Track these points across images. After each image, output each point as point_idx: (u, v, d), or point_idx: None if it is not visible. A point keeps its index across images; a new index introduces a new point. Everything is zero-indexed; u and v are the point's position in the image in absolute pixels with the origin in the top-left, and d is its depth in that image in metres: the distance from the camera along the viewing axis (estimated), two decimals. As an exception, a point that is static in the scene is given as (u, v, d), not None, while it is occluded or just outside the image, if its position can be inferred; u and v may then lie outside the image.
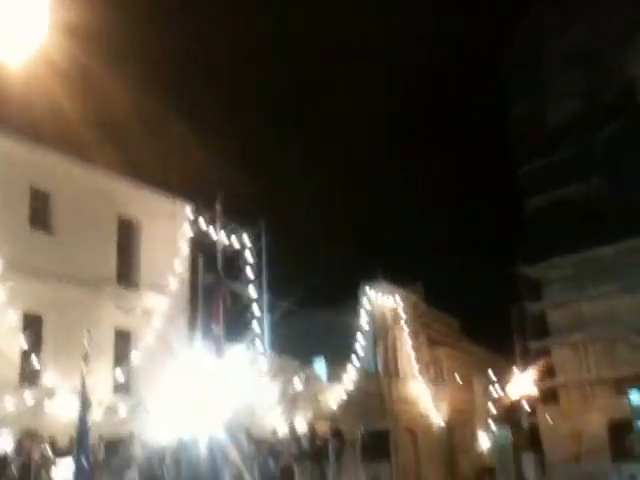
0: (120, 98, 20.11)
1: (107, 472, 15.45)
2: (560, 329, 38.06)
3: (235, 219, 22.69)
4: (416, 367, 33.66)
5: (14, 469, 13.61)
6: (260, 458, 17.17)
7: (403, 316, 33.49)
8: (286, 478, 17.03)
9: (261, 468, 16.84)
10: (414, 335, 33.95)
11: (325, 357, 28.65)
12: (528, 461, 32.29)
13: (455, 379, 37.61)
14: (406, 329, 33.56)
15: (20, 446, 14.07)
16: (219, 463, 15.84)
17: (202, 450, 16.01)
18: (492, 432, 35.88)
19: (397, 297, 33.44)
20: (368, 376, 29.65)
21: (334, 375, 28.10)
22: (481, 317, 40.86)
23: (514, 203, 42.03)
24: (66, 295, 18.77)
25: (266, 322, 24.16)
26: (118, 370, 20.09)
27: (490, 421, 37.60)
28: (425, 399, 33.90)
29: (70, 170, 19.84)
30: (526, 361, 36.88)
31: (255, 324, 23.63)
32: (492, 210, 45.23)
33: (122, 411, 19.33)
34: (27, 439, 14.18)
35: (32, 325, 18.29)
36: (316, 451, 17.82)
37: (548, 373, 37.68)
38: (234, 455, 16.44)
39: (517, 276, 38.54)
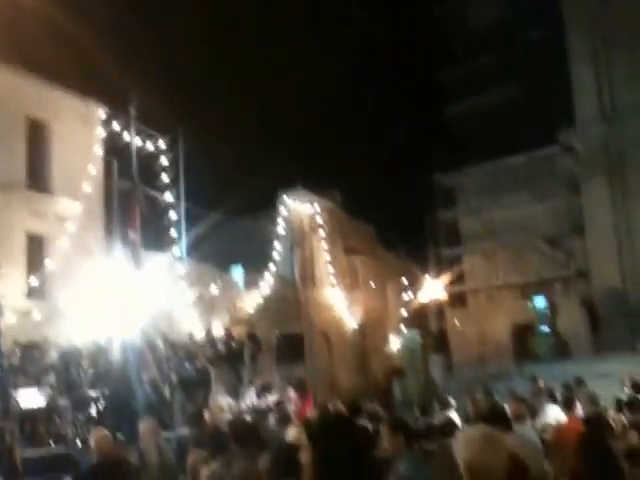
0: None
1: (23, 376, 15.56)
2: (472, 237, 39.32)
3: (151, 125, 22.43)
4: (332, 274, 34.44)
5: None
6: (176, 361, 17.63)
7: (320, 224, 34.03)
8: (202, 380, 17.58)
9: (177, 370, 17.33)
10: (331, 243, 34.59)
11: (243, 264, 29.16)
12: (436, 363, 33.75)
13: (370, 286, 38.70)
14: (323, 237, 34.17)
15: None
16: (135, 365, 16.22)
17: (118, 353, 16.36)
18: (403, 335, 37.31)
19: (315, 205, 33.89)
20: (284, 283, 30.33)
21: (251, 282, 28.68)
22: (397, 225, 41.91)
23: (434, 110, 42.53)
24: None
25: (183, 228, 24.29)
26: (32, 275, 20.07)
27: (401, 325, 39.06)
28: (340, 305, 34.86)
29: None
30: (439, 268, 37.72)
31: (172, 231, 23.73)
32: (412, 117, 45.58)
33: (37, 316, 19.43)
34: None
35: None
36: (232, 354, 18.36)
37: (458, 279, 38.95)
38: (150, 357, 16.87)
39: (432, 184, 39.48)
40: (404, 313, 39.95)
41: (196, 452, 7.34)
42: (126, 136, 21.28)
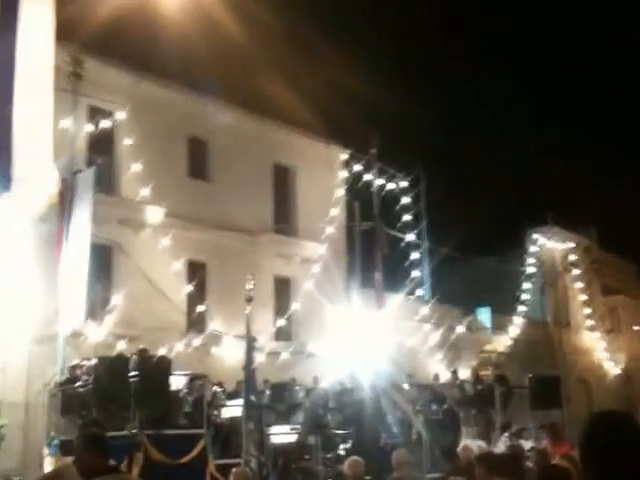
0: (273, 43, 21.32)
1: (274, 415, 16.76)
2: None
3: (391, 163, 23.47)
4: (588, 316, 33.59)
5: (188, 406, 15.21)
6: (422, 402, 18.06)
7: (574, 262, 33.28)
8: (450, 423, 17.82)
9: (424, 412, 17.73)
10: (586, 282, 33.83)
11: (490, 306, 29.14)
12: None
13: (633, 329, 36.89)
14: (577, 276, 33.43)
15: (191, 386, 15.56)
16: (383, 407, 16.87)
17: (365, 394, 17.10)
18: None
19: (568, 242, 33.29)
20: (536, 325, 29.98)
21: (499, 324, 28.61)
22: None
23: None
24: (226, 243, 20.42)
25: (426, 269, 24.94)
26: (279, 317, 21.69)
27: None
28: (599, 349, 33.85)
29: (226, 118, 21.35)
30: None
31: (415, 271, 24.45)
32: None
33: (284, 356, 20.93)
34: (197, 379, 15.68)
35: (196, 272, 20.20)
36: (480, 396, 18.42)
37: None
38: (397, 399, 17.46)
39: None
40: None
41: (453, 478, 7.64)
42: (367, 177, 22.52)
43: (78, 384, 14.36)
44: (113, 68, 18.99)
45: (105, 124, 18.78)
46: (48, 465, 13.05)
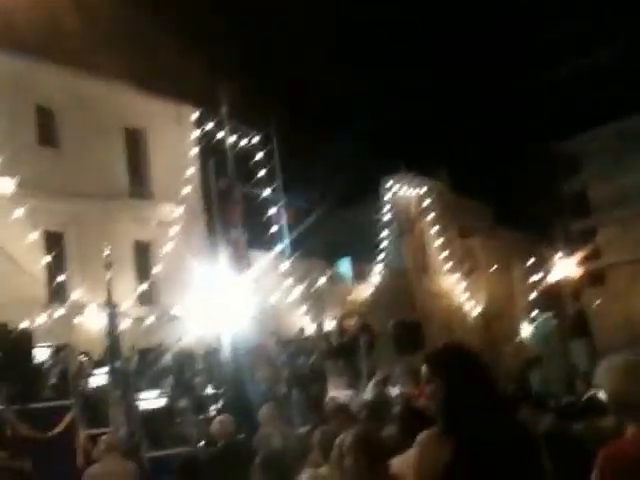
0: (112, 4, 21.28)
1: (142, 381, 17.22)
2: (603, 207, 38.90)
3: (243, 120, 24.01)
4: (446, 259, 35.06)
5: (54, 378, 15.47)
6: (289, 357, 19.02)
7: (429, 207, 34.53)
8: (317, 376, 18.80)
9: (291, 367, 18.68)
10: (442, 226, 35.00)
11: (351, 256, 30.31)
12: (578, 349, 32.94)
13: (491, 269, 38.55)
14: (433, 221, 34.72)
15: (56, 357, 15.80)
16: (248, 364, 17.67)
17: (231, 353, 17.85)
18: (534, 320, 36.80)
19: (421, 187, 34.44)
20: (396, 272, 31.15)
21: (360, 274, 29.86)
22: (516, 201, 41.47)
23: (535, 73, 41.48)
24: (82, 211, 20.70)
25: (284, 224, 25.77)
26: (141, 282, 22.14)
27: (532, 310, 38.61)
28: (458, 291, 35.43)
29: (72, 83, 21.36)
30: (569, 244, 37.23)
31: (274, 227, 25.27)
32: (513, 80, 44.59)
33: (149, 321, 21.45)
34: (61, 350, 15.93)
35: (54, 243, 20.35)
36: (346, 347, 19.48)
37: (593, 255, 38.36)
38: (263, 355, 18.34)
39: (551, 153, 39.19)
40: (533, 296, 39.42)
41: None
42: (220, 134, 23.01)
43: None
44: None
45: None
46: None
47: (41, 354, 15.31)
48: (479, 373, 3.58)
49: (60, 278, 20.26)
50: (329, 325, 22.55)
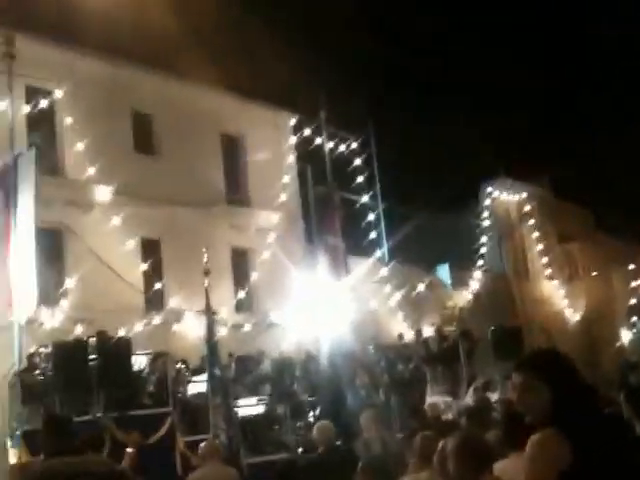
0: (209, 11, 21.30)
1: (241, 387, 17.09)
2: None
3: (341, 126, 23.71)
4: (546, 265, 34.51)
5: (152, 385, 15.43)
6: (387, 363, 18.59)
7: (529, 213, 34.12)
8: (417, 382, 18.40)
9: (390, 373, 18.28)
10: (543, 232, 34.60)
11: (449, 263, 29.80)
12: None
13: (591, 275, 37.92)
14: (534, 226, 34.23)
15: (154, 365, 15.76)
16: (349, 371, 17.34)
17: (330, 360, 17.55)
18: (634, 326, 36.10)
19: (522, 193, 34.03)
20: (495, 277, 30.76)
21: (459, 280, 29.34)
22: (618, 207, 40.53)
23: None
24: (179, 218, 20.57)
25: (383, 230, 25.39)
26: (239, 289, 21.97)
27: (632, 315, 37.79)
28: (558, 297, 34.90)
29: (169, 89, 21.35)
30: None
31: (373, 234, 24.91)
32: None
33: (247, 328, 21.26)
34: (159, 358, 15.88)
35: (151, 250, 20.33)
36: (445, 353, 19.03)
37: None
38: (362, 362, 17.97)
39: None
40: (633, 302, 38.62)
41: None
42: (318, 140, 22.77)
43: (37, 372, 14.50)
44: (48, 45, 18.82)
45: (44, 104, 18.66)
46: (12, 457, 13.19)
47: (139, 362, 15.29)
48: (580, 376, 3.66)
49: (157, 285, 20.20)
50: (428, 331, 22.03)
